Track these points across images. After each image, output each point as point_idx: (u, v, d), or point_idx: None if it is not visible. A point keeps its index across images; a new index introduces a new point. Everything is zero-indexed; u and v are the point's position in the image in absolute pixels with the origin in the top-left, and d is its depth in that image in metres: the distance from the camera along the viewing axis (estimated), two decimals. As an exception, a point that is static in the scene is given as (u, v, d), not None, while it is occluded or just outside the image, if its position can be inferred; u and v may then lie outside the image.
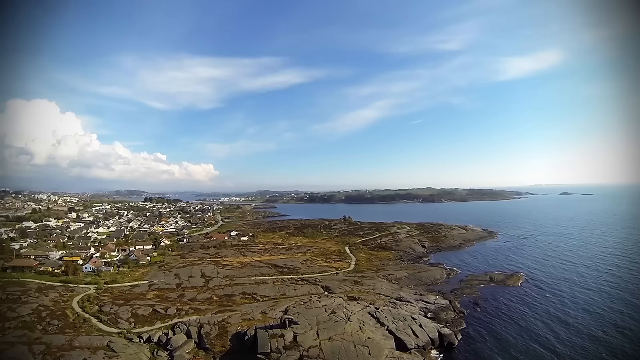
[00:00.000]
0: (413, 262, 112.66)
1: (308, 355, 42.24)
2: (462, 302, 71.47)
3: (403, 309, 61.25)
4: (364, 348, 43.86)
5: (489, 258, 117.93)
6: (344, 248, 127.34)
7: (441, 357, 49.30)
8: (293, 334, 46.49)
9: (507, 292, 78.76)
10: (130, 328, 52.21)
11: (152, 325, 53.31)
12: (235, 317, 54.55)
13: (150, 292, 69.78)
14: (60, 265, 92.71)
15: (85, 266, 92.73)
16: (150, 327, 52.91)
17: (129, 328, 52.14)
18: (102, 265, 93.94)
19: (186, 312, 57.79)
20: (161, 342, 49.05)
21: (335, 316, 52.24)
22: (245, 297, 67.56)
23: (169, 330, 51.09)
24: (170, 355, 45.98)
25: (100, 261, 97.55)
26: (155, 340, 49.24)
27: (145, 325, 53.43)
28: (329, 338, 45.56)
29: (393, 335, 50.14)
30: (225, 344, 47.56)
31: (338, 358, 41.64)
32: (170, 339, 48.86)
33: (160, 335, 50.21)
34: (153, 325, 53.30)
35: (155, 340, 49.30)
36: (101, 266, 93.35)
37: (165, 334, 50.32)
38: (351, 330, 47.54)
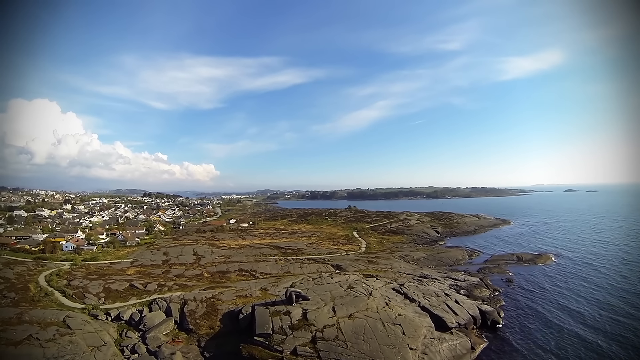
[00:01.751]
0: (428, 245, 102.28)
1: (323, 337, 31.99)
2: (492, 280, 62.09)
3: (431, 286, 51.00)
4: (395, 327, 33.66)
5: (509, 241, 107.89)
6: (352, 233, 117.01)
7: (487, 338, 39.04)
8: (302, 311, 36.33)
9: (539, 270, 69.76)
10: (97, 304, 42.27)
11: (126, 302, 43.34)
12: (228, 293, 44.48)
13: (131, 269, 59.81)
14: (39, 244, 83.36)
15: (65, 245, 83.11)
16: (123, 303, 42.93)
17: (96, 304, 42.20)
18: (84, 244, 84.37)
19: (169, 289, 47.80)
20: (133, 320, 39.03)
21: (354, 291, 42.08)
22: (242, 274, 57.46)
23: (144, 307, 41.07)
24: (142, 337, 35.96)
25: (82, 240, 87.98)
26: (125, 319, 39.23)
27: (117, 301, 43.49)
28: (349, 315, 35.35)
29: (428, 312, 39.87)
30: (213, 325, 37.46)
31: (363, 339, 31.40)
32: (144, 317, 38.83)
33: (133, 312, 40.18)
34: (127, 302, 43.32)
35: (125, 318, 39.29)
36: (83, 245, 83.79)
37: (139, 312, 40.30)
38: (376, 306, 37.32)
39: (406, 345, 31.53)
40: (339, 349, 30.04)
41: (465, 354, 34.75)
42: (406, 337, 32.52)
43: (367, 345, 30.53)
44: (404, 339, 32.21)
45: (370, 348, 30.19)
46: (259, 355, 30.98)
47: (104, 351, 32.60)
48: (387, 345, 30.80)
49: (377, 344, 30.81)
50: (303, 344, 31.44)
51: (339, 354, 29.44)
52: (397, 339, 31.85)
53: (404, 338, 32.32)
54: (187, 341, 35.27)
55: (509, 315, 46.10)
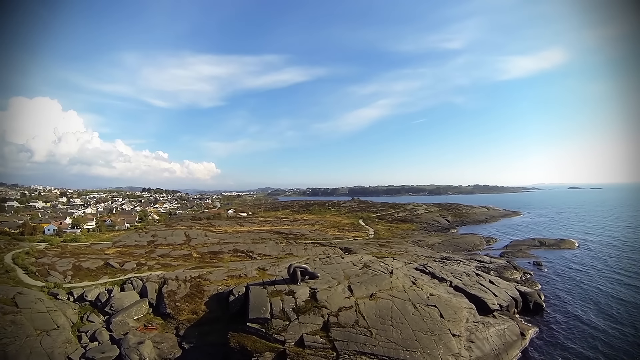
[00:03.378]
0: (440, 232, 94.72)
1: (338, 323, 24.35)
2: (520, 264, 55.04)
3: (457, 267, 43.51)
4: (430, 309, 26.09)
5: (526, 229, 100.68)
6: (358, 221, 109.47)
7: (533, 323, 31.82)
8: (310, 291, 28.78)
9: (567, 254, 63.02)
10: (61, 282, 34.85)
11: (95, 281, 35.92)
12: (218, 273, 37.00)
13: (112, 249, 52.46)
14: (19, 226, 76.30)
15: (47, 227, 76.13)
16: (92, 282, 35.52)
17: (60, 282, 34.77)
18: (67, 228, 77.30)
19: (150, 268, 40.40)
20: (99, 301, 31.61)
21: (371, 270, 34.54)
22: (237, 255, 50.07)
23: (115, 287, 33.64)
24: (107, 322, 28.58)
25: (66, 224, 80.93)
26: (90, 299, 31.80)
27: (85, 280, 36.09)
28: (371, 295, 27.71)
29: (463, 292, 32.39)
30: (197, 309, 29.97)
31: (391, 325, 23.78)
32: (112, 298, 31.43)
33: (101, 292, 32.73)
34: (96, 281, 35.91)
35: (90, 298, 31.85)
36: (67, 228, 76.72)
37: (107, 291, 32.88)
38: (402, 285, 29.76)
39: (447, 330, 24.04)
40: (360, 338, 22.52)
41: (516, 340, 27.40)
42: (445, 321, 25.00)
43: (398, 331, 23.02)
44: (443, 323, 24.69)
45: (402, 335, 22.68)
46: (253, 347, 23.23)
47: (54, 336, 25.26)
48: (424, 332, 23.30)
49: (410, 330, 23.28)
50: (312, 332, 23.83)
51: (361, 345, 21.93)
52: (434, 324, 24.33)
53: (443, 322, 24.81)
54: (163, 328, 27.86)
55: (550, 298, 39.44)
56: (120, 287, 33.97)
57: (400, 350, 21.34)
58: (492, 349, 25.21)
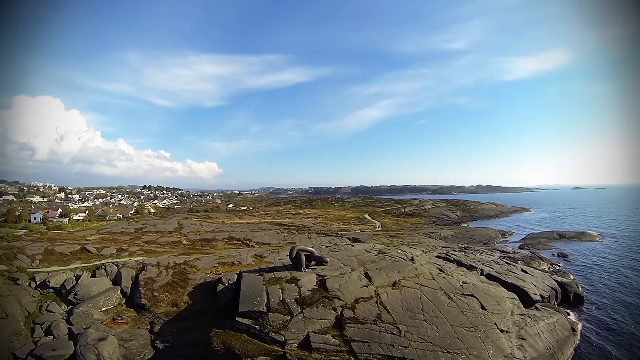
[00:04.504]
0: (451, 226, 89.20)
1: (355, 318, 18.98)
2: (543, 255, 50.36)
3: (481, 256, 38.12)
4: (467, 299, 20.69)
5: (540, 224, 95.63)
6: (363, 215, 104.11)
7: (577, 316, 26.70)
8: (317, 278, 23.43)
9: (590, 246, 58.43)
10: (26, 266, 29.74)
11: (65, 266, 30.82)
12: (207, 259, 31.74)
13: (95, 236, 47.43)
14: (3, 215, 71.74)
15: (33, 216, 71.57)
16: (61, 267, 30.42)
17: (25, 266, 29.66)
18: (55, 216, 72.66)
19: (131, 254, 35.25)
20: (64, 289, 26.49)
21: (389, 256, 29.23)
22: (232, 243, 44.91)
23: (85, 273, 28.51)
24: (69, 312, 23.47)
25: (54, 212, 76.34)
26: (54, 286, 26.68)
27: (54, 265, 31.01)
28: (393, 284, 22.33)
29: (498, 281, 27.02)
30: (178, 300, 24.74)
31: (424, 319, 18.37)
32: (77, 285, 26.29)
33: (68, 278, 27.60)
34: (66, 266, 30.81)
35: (54, 285, 26.73)
36: (54, 217, 72.09)
37: (75, 277, 27.74)
38: (429, 272, 24.35)
39: (493, 325, 18.72)
40: (385, 337, 17.13)
41: (568, 336, 22.27)
42: (489, 314, 19.68)
43: (433, 328, 17.68)
44: (486, 316, 19.36)
45: (438, 333, 17.36)
46: (242, 349, 17.81)
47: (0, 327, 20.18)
48: (465, 327, 17.98)
49: (447, 325, 17.96)
50: (321, 330, 18.39)
51: (388, 346, 16.55)
52: (476, 317, 19.00)
53: (487, 315, 19.48)
54: (135, 322, 22.69)
55: (586, 289, 34.49)
56: (92, 273, 28.84)
57: (440, 352, 16.06)
58: (546, 347, 19.97)
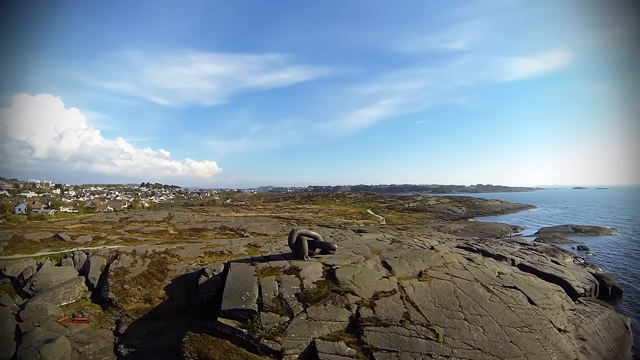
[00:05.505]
0: (459, 220, 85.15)
1: (376, 318, 14.48)
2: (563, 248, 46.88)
3: (504, 247, 34.05)
4: (511, 292, 16.45)
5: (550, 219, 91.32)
6: (366, 210, 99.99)
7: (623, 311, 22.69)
8: (324, 268, 19.10)
9: (608, 240, 54.53)
10: (-20, 257, 25.57)
11: (31, 254, 26.61)
12: (193, 248, 27.47)
13: (75, 225, 43.22)
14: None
15: (17, 207, 67.75)
16: (25, 254, 26.21)
17: (-21, 257, 25.50)
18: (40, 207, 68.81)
19: (108, 242, 31.06)
20: (22, 279, 22.35)
21: (406, 245, 25.12)
22: (224, 233, 40.80)
23: (48, 261, 24.36)
24: (22, 306, 19.31)
25: (40, 204, 72.51)
26: (12, 275, 22.51)
27: (19, 253, 26.78)
28: (419, 275, 17.97)
29: (534, 272, 22.89)
30: (153, 295, 20.37)
31: (465, 318, 13.85)
32: (36, 275, 22.15)
33: (28, 267, 23.43)
34: (32, 254, 26.60)
35: (12, 274, 22.56)
36: (39, 208, 68.25)
37: (38, 266, 23.60)
38: (459, 262, 20.12)
39: (549, 323, 14.63)
40: (419, 344, 12.70)
41: (624, 335, 18.19)
42: (540, 309, 15.56)
43: (478, 329, 13.47)
44: (538, 312, 15.25)
45: (486, 335, 13.16)
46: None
47: None
48: (518, 327, 13.85)
49: (495, 325, 13.78)
50: (331, 335, 13.75)
51: (424, 356, 12.07)
52: (527, 314, 14.88)
53: (538, 310, 15.37)
54: (99, 321, 18.50)
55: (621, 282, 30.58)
56: (59, 262, 24.67)
57: (492, 360, 11.91)
58: (607, 348, 16.00)
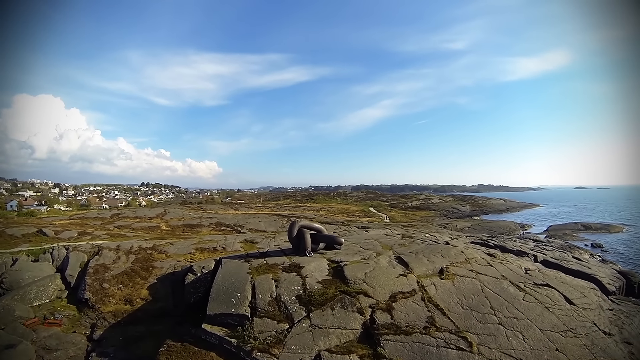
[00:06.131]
0: (465, 218, 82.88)
1: (395, 324, 11.33)
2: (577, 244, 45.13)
3: (518, 243, 31.85)
4: (545, 290, 14.16)
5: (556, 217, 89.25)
6: (368, 208, 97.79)
7: None
8: (330, 265, 15.97)
9: (621, 237, 52.26)
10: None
11: (10, 249, 24.47)
12: (183, 244, 25.10)
13: (64, 221, 41.07)
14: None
15: (9, 203, 65.96)
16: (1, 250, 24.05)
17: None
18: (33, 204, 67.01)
19: (94, 238, 28.90)
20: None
21: (419, 239, 22.86)
22: (219, 229, 38.63)
23: (24, 256, 22.23)
24: (-13, 305, 17.13)
25: (32, 200, 70.72)
26: (-21, 273, 20.41)
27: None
28: (440, 272, 15.22)
29: (560, 269, 20.62)
30: (134, 295, 17.79)
31: (499, 323, 11.65)
32: (7, 272, 19.98)
33: (2, 263, 21.31)
34: (11, 249, 24.45)
35: (-20, 272, 20.46)
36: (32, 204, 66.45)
37: (13, 261, 21.46)
38: (482, 258, 17.72)
39: (593, 325, 12.35)
40: (450, 355, 10.06)
41: None
42: (580, 309, 13.29)
43: (517, 335, 11.06)
44: (579, 312, 12.99)
45: (527, 342, 10.74)
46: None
47: None
48: (561, 331, 11.57)
49: (535, 329, 11.47)
50: (341, 347, 10.86)
51: None
52: (568, 315, 12.62)
53: (579, 311, 13.11)
54: (72, 324, 16.23)
55: None
56: (36, 257, 22.54)
57: (538, 373, 9.66)
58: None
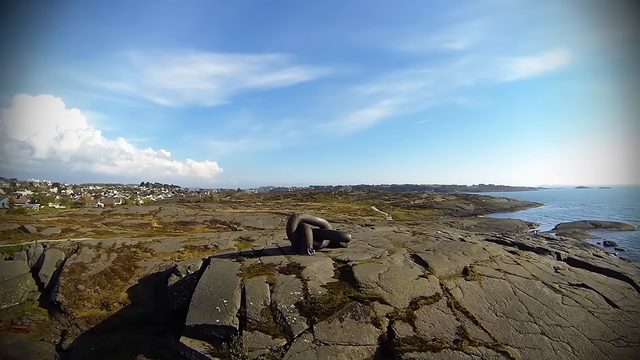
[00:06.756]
0: (469, 217, 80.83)
1: (419, 338, 8.77)
2: None
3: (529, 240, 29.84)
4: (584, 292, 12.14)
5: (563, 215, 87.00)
6: (370, 207, 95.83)
7: None
8: (336, 266, 13.07)
9: (634, 235, 50.68)
10: None
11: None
12: (171, 242, 22.90)
13: (53, 218, 39.13)
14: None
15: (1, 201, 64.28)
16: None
17: None
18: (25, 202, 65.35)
19: (77, 235, 26.92)
20: (-45, 277, 18.27)
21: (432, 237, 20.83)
22: (214, 227, 36.64)
23: None
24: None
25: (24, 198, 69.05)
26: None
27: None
28: (464, 272, 12.77)
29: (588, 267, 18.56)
30: (112, 299, 15.54)
31: (541, 332, 9.42)
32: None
33: (-32, 263, 19.37)
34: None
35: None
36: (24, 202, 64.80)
37: (-19, 261, 19.52)
38: (506, 255, 15.60)
39: (654, 341, 10.24)
40: None
41: None
42: (625, 313, 11.19)
43: (564, 347, 9.00)
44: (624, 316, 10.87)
45: (578, 356, 8.80)
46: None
47: None
48: (612, 341, 9.50)
49: (584, 339, 9.45)
50: None
51: None
52: (615, 321, 10.57)
53: (624, 315, 11.00)
54: (41, 330, 14.22)
55: None
56: (11, 255, 20.56)
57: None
58: None
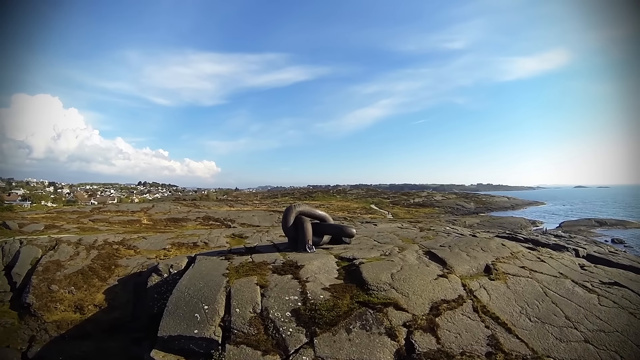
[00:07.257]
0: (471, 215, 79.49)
1: (443, 350, 6.58)
2: None
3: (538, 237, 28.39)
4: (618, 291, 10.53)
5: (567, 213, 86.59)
6: (370, 205, 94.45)
7: None
8: (340, 265, 10.21)
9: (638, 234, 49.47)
10: None
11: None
12: (157, 239, 20.90)
13: (40, 215, 37.34)
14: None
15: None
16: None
17: None
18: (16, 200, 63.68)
19: (61, 231, 25.24)
20: None
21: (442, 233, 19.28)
22: (207, 224, 35.01)
23: (-35, 252, 18.61)
24: None
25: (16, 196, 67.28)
26: None
27: None
28: (486, 270, 10.56)
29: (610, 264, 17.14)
30: (87, 301, 13.39)
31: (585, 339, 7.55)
32: None
33: None
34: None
35: None
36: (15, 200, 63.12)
37: (-52, 260, 17.84)
38: (528, 252, 13.99)
39: None
40: None
41: None
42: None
43: (612, 356, 7.66)
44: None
45: None
46: None
47: None
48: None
49: (632, 346, 8.00)
50: None
51: None
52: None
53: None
54: (8, 336, 12.52)
55: None
56: (-19, 255, 18.85)
57: None
58: None
